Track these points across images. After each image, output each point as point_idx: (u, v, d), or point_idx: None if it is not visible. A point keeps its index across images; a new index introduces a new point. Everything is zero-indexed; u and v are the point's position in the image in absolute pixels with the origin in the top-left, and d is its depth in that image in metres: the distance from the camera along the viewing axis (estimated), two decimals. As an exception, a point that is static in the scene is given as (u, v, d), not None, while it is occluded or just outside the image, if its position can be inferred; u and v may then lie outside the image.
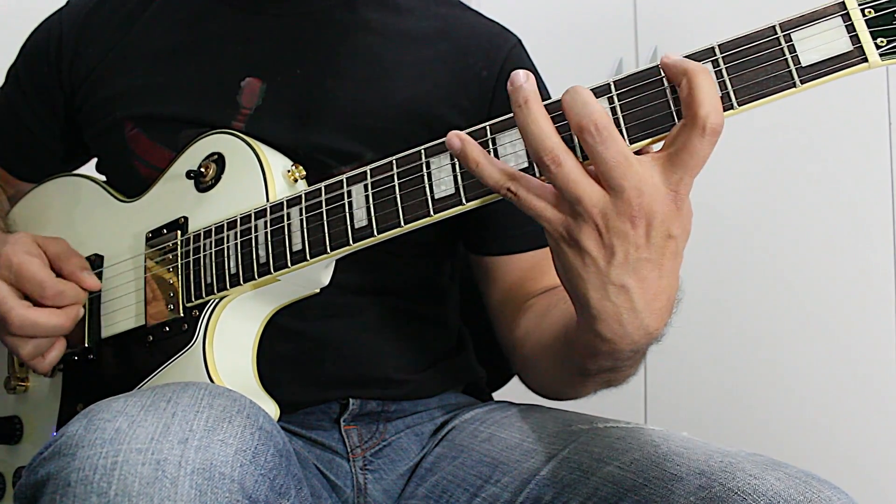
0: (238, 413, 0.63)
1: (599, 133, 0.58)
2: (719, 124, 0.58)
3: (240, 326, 0.80)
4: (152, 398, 0.63)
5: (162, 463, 0.56)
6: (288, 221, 0.76)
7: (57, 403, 0.88)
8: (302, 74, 0.89)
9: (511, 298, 0.92)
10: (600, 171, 0.59)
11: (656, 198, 0.59)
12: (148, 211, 0.87)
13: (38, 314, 0.80)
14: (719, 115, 0.58)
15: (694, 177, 0.59)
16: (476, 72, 0.92)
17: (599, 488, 0.71)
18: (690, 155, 0.58)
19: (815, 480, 0.63)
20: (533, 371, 0.89)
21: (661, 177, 0.59)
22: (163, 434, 0.58)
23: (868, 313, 1.63)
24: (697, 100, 0.57)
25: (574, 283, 0.64)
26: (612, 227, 0.60)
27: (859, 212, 1.63)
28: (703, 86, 0.58)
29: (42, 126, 1.01)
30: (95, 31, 0.96)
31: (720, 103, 0.58)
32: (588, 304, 0.63)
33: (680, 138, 0.59)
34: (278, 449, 0.64)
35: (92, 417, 0.60)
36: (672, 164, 0.59)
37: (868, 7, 0.58)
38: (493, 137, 0.67)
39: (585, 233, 0.60)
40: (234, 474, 0.58)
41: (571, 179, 0.59)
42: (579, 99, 0.59)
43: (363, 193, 0.72)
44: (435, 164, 0.69)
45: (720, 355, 1.76)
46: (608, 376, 0.74)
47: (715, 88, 0.59)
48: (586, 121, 0.58)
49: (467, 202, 0.67)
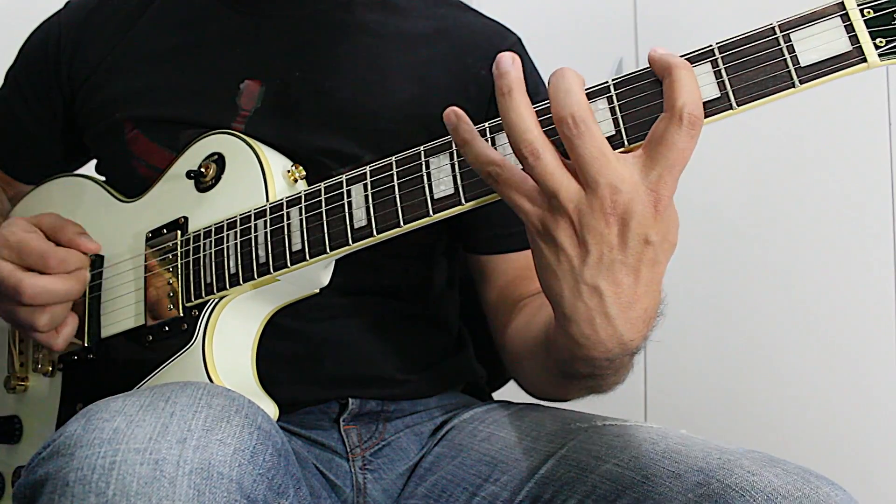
0: (236, 413, 0.63)
1: (577, 126, 0.57)
2: (697, 116, 0.57)
3: (239, 326, 0.80)
4: (151, 398, 0.63)
5: (160, 463, 0.56)
6: (287, 221, 0.76)
7: (56, 403, 0.88)
8: (301, 76, 0.89)
9: (505, 298, 0.92)
10: (577, 166, 0.58)
11: (633, 197, 0.58)
12: (148, 211, 0.87)
13: (48, 280, 0.80)
14: (697, 107, 0.57)
15: (675, 175, 0.58)
16: (475, 71, 0.92)
17: (598, 486, 0.71)
18: (668, 148, 0.57)
19: (813, 477, 0.63)
20: (521, 371, 0.89)
21: (640, 175, 0.58)
22: (161, 434, 0.58)
23: (868, 313, 1.63)
24: (675, 91, 0.57)
25: (548, 280, 0.63)
26: (586, 224, 0.59)
27: (859, 212, 1.63)
28: (682, 79, 0.57)
29: (41, 128, 1.01)
30: (95, 33, 0.97)
31: (699, 96, 0.58)
32: (561, 303, 0.63)
33: (657, 131, 0.58)
34: (276, 449, 0.64)
35: (90, 417, 0.60)
36: (651, 159, 0.58)
37: (867, 7, 0.57)
38: (492, 137, 0.67)
39: (561, 227, 0.60)
40: (232, 474, 0.58)
41: (548, 172, 0.59)
42: (563, 86, 0.58)
43: (363, 193, 0.72)
44: (434, 164, 0.69)
45: (720, 354, 1.76)
46: (589, 383, 0.74)
47: (695, 83, 0.58)
48: (565, 112, 0.58)
49: (466, 202, 0.67)
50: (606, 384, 0.74)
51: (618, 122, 0.62)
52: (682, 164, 0.58)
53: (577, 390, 0.78)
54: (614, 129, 0.62)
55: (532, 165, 0.59)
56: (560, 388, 0.80)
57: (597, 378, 0.72)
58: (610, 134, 0.62)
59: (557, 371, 0.74)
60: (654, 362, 1.81)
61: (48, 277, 0.81)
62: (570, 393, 0.80)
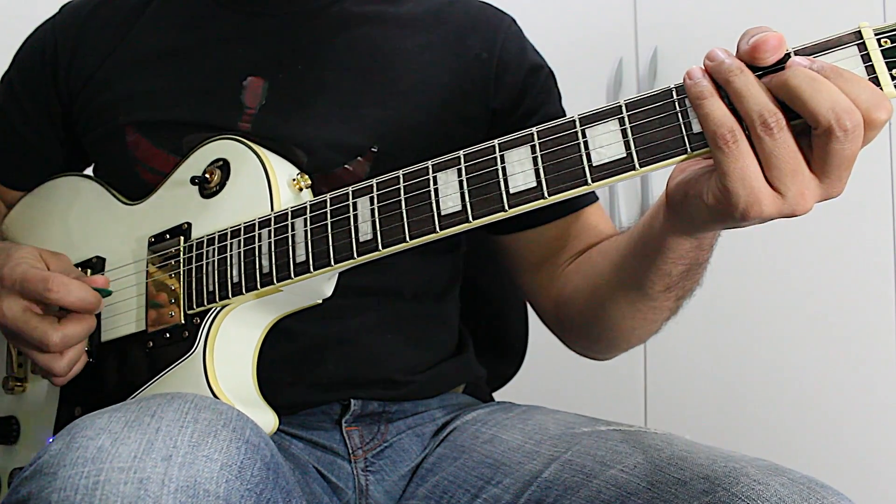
0: (224, 427, 0.61)
1: (852, 131, 0.57)
2: (856, 123, 0.57)
3: (241, 335, 0.80)
4: (137, 412, 0.62)
5: (145, 482, 0.55)
6: (292, 232, 0.75)
7: (55, 405, 0.88)
8: (303, 70, 0.89)
9: (546, 269, 0.93)
10: (829, 169, 0.59)
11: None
12: (151, 215, 0.87)
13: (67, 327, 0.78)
14: (852, 114, 0.57)
15: (850, 166, 0.60)
16: (476, 53, 0.93)
17: (602, 491, 0.71)
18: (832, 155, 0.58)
19: (819, 486, 0.64)
20: (596, 317, 0.87)
21: None
22: (146, 451, 0.57)
23: (868, 314, 1.63)
24: (814, 105, 0.57)
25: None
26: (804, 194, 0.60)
27: (859, 212, 1.63)
28: (821, 89, 0.57)
29: (38, 134, 0.99)
30: (92, 37, 0.96)
31: (848, 101, 0.57)
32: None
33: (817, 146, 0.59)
34: (265, 462, 0.63)
35: (75, 435, 0.59)
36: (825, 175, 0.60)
37: (885, 37, 0.58)
38: (501, 155, 0.67)
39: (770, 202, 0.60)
40: (219, 491, 0.57)
41: (789, 145, 0.58)
42: (825, 91, 0.57)
43: (369, 207, 0.72)
44: (442, 179, 0.69)
45: (720, 356, 1.76)
46: (688, 284, 0.76)
47: (831, 87, 0.57)
48: (849, 121, 0.56)
49: (474, 220, 0.67)
50: (698, 279, 0.77)
51: (629, 145, 0.62)
52: (853, 158, 0.59)
53: (669, 306, 0.79)
54: (625, 152, 0.62)
55: (775, 136, 0.58)
56: (649, 313, 0.81)
57: (700, 267, 0.75)
58: (620, 157, 0.62)
59: (658, 279, 0.75)
60: (654, 364, 1.81)
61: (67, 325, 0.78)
62: (661, 312, 0.81)
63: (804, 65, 0.58)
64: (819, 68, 0.57)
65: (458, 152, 0.69)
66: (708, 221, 0.64)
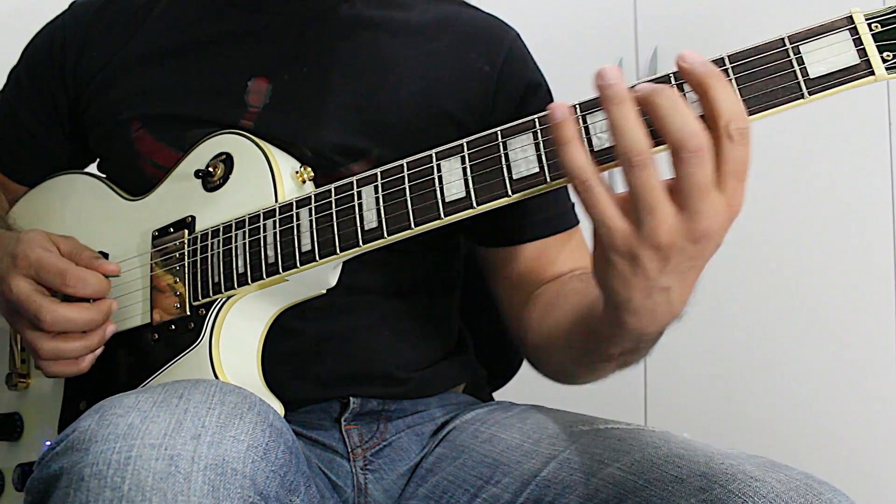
0: (249, 410, 0.63)
1: (697, 155, 0.57)
2: (744, 129, 0.58)
3: (246, 326, 0.80)
4: (164, 394, 0.63)
5: (175, 458, 0.57)
6: (297, 222, 0.76)
7: (59, 401, 0.88)
8: (307, 72, 0.90)
9: (520, 288, 0.93)
10: (682, 190, 0.58)
11: (719, 218, 0.59)
12: (154, 209, 0.87)
13: (69, 309, 0.79)
14: (742, 120, 0.58)
15: (744, 182, 0.59)
16: (478, 66, 0.93)
17: (600, 490, 0.71)
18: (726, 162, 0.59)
19: (816, 482, 0.64)
20: (547, 358, 0.89)
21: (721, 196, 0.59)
22: (175, 430, 0.59)
23: (868, 313, 1.63)
24: (717, 109, 0.58)
25: (615, 287, 0.64)
26: (674, 245, 0.60)
27: (859, 212, 1.64)
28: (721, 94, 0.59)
29: (44, 129, 1.00)
30: (101, 34, 0.96)
31: (741, 108, 0.59)
32: (627, 304, 0.64)
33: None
34: (288, 446, 0.65)
35: (104, 413, 0.60)
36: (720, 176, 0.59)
37: (875, 21, 0.59)
38: (504, 142, 0.67)
39: (646, 247, 0.60)
40: (245, 470, 0.59)
41: (652, 186, 0.59)
42: (679, 114, 0.58)
43: (373, 195, 0.72)
44: (446, 167, 0.70)
45: (720, 356, 1.76)
46: (628, 358, 0.75)
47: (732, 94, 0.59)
48: (690, 142, 0.57)
49: (478, 206, 0.68)
50: (642, 355, 0.75)
51: None
52: (746, 170, 0.59)
53: (612, 368, 0.79)
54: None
55: (638, 175, 0.59)
56: (596, 369, 0.81)
57: (638, 352, 0.74)
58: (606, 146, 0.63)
59: (597, 354, 0.75)
60: (654, 364, 1.81)
61: (70, 307, 0.79)
62: (605, 371, 0.80)
63: (668, 86, 0.59)
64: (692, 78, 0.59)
65: (461, 140, 0.70)
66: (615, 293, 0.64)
